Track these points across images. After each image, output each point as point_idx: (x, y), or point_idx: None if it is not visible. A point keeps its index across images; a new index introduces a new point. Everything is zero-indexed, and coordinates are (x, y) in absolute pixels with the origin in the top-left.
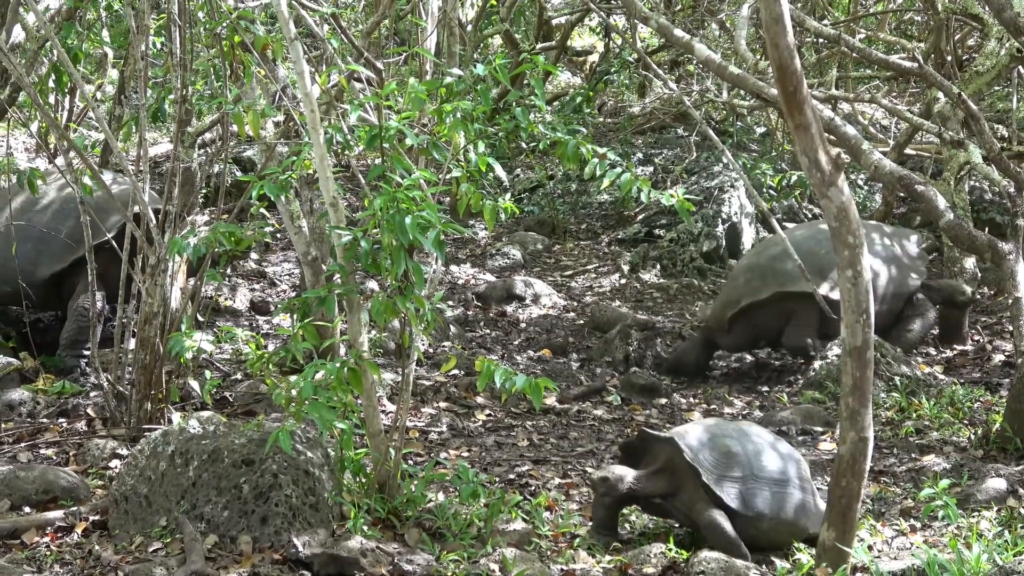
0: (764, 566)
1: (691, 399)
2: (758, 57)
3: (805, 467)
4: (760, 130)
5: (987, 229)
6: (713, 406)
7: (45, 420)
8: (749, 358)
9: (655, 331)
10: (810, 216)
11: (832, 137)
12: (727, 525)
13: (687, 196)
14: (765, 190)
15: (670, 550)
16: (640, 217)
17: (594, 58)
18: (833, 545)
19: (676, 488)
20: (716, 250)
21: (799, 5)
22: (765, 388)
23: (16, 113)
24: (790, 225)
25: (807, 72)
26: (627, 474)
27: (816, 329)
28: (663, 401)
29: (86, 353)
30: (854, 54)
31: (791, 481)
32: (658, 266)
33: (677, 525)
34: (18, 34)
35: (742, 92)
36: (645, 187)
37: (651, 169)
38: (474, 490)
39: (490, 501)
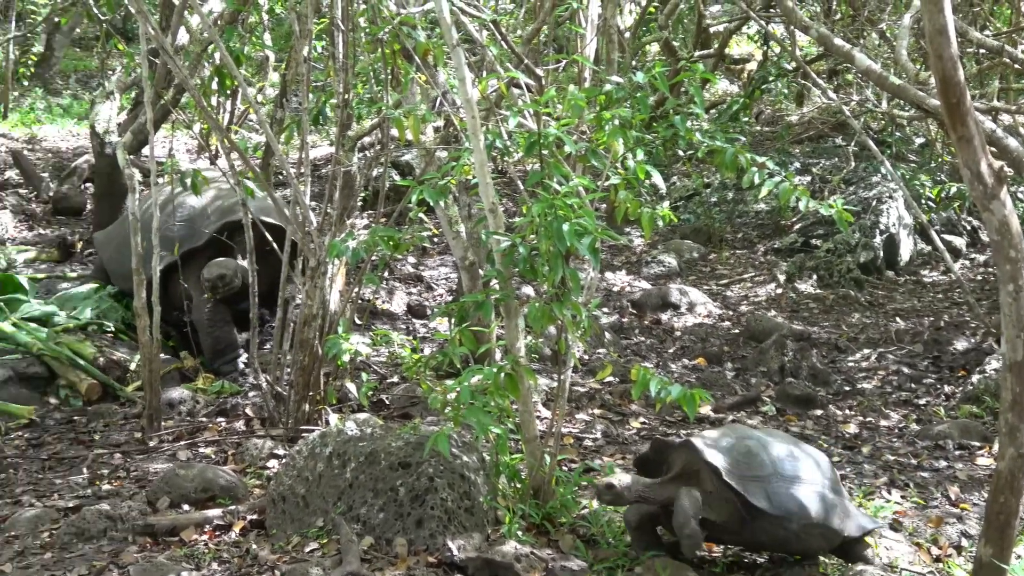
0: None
1: (847, 411)
2: (919, 67)
3: (833, 471)
4: (919, 141)
5: None
6: (869, 419)
7: (204, 419)
8: (906, 370)
9: (811, 342)
10: (968, 228)
11: (994, 149)
12: (692, 510)
13: (845, 206)
14: (924, 201)
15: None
16: (797, 227)
17: (752, 66)
18: (991, 562)
19: None
20: (873, 261)
21: (961, 16)
22: (922, 401)
23: (179, 115)
24: (948, 236)
25: (968, 83)
26: (635, 481)
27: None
28: (818, 412)
29: (239, 356)
30: (1016, 65)
31: (820, 482)
32: (814, 276)
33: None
34: (183, 37)
35: (902, 102)
36: (804, 196)
37: (808, 179)
38: None
39: None
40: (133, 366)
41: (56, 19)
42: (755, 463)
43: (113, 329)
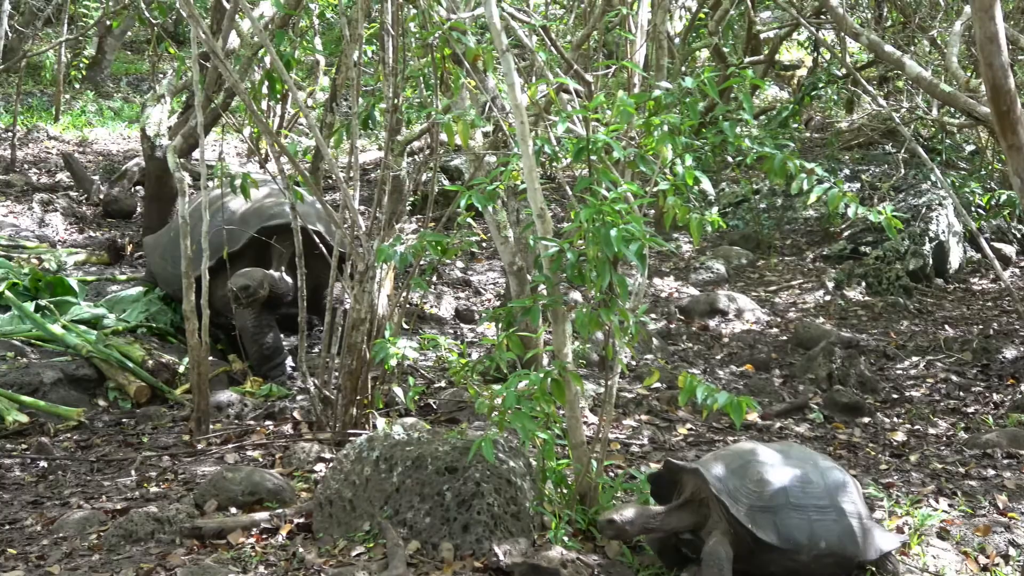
0: None
1: (895, 419)
2: (969, 75)
3: (853, 490)
4: (969, 148)
5: None
6: (917, 427)
7: (252, 422)
8: (954, 378)
9: (859, 349)
10: (1018, 236)
11: None
12: (726, 566)
13: (894, 213)
14: (974, 209)
15: None
16: (846, 234)
17: (802, 72)
18: None
19: (704, 522)
20: (923, 268)
21: (1012, 23)
22: (971, 409)
23: (230, 118)
24: (998, 243)
25: (1019, 91)
26: (640, 513)
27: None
28: (866, 420)
29: (286, 360)
30: None
31: (834, 507)
32: (863, 283)
33: None
34: (233, 41)
35: (952, 110)
36: (853, 203)
37: (858, 185)
38: None
39: None
40: (182, 369)
41: (108, 22)
42: (766, 492)
43: (162, 332)
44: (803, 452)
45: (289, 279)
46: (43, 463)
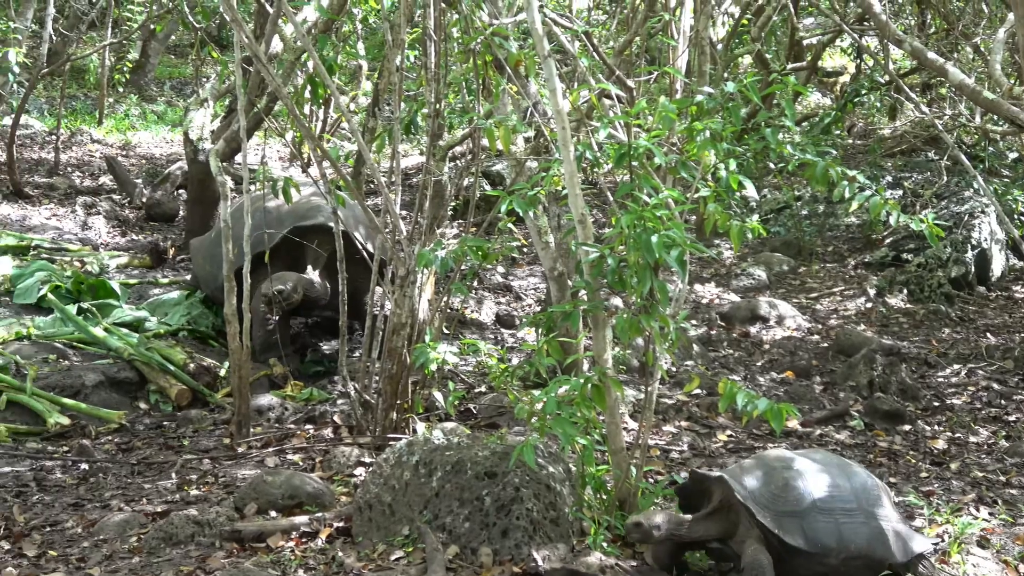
0: None
1: (936, 426)
2: (1013, 82)
3: (881, 493)
4: (1012, 155)
5: None
6: (958, 435)
7: (292, 426)
8: (996, 387)
9: (900, 356)
10: None
11: None
12: (769, 572)
13: (936, 221)
14: (1016, 216)
15: None
16: (887, 241)
17: (844, 79)
18: None
19: (732, 530)
20: (965, 276)
21: None
22: (1012, 418)
23: (272, 122)
24: None
25: None
26: (666, 520)
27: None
28: (907, 428)
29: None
30: None
31: (862, 510)
32: (905, 291)
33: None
34: (276, 45)
35: (995, 117)
36: (894, 210)
37: (900, 192)
38: None
39: None
40: (223, 372)
41: (151, 26)
42: (792, 497)
43: (203, 335)
44: (830, 458)
45: (325, 283)
46: (84, 465)
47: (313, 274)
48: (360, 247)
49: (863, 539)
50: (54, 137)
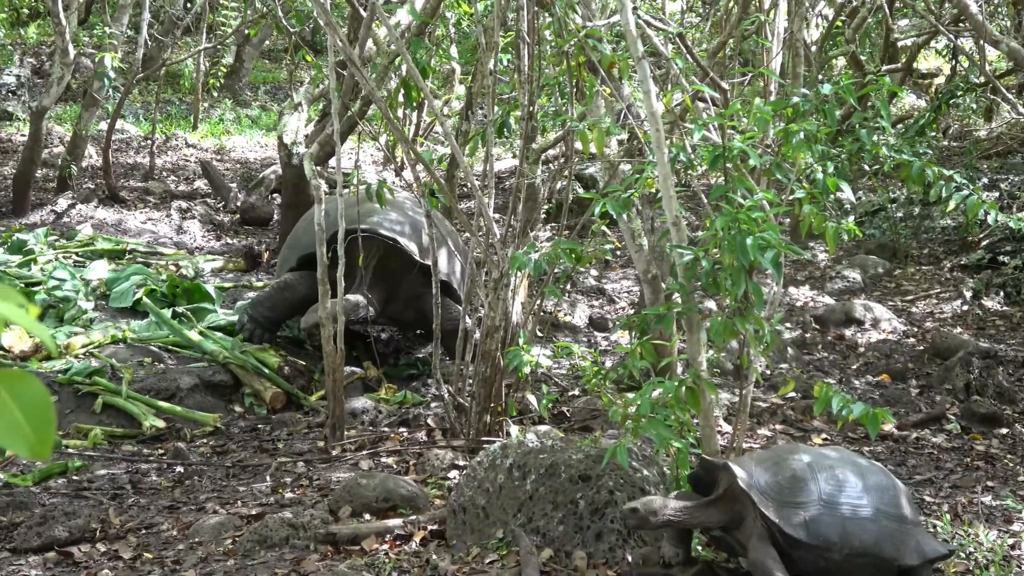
0: None
1: None
2: None
3: (899, 495)
4: None
5: None
6: None
7: (386, 429)
8: None
9: (997, 359)
10: None
11: None
12: (776, 569)
13: None
14: None
15: None
16: (983, 243)
17: (939, 81)
18: None
19: (737, 520)
20: None
21: None
22: None
23: (366, 126)
24: None
25: None
26: (665, 505)
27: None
28: (1004, 431)
29: (264, 315)
30: None
31: (872, 508)
32: (1001, 293)
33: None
34: (370, 49)
35: None
36: (992, 209)
37: (996, 194)
38: None
39: None
40: (317, 375)
41: (246, 31)
42: (798, 488)
43: (297, 339)
44: (848, 456)
45: (364, 302)
46: (179, 468)
47: (361, 288)
48: (412, 256)
49: (870, 537)
50: (149, 142)
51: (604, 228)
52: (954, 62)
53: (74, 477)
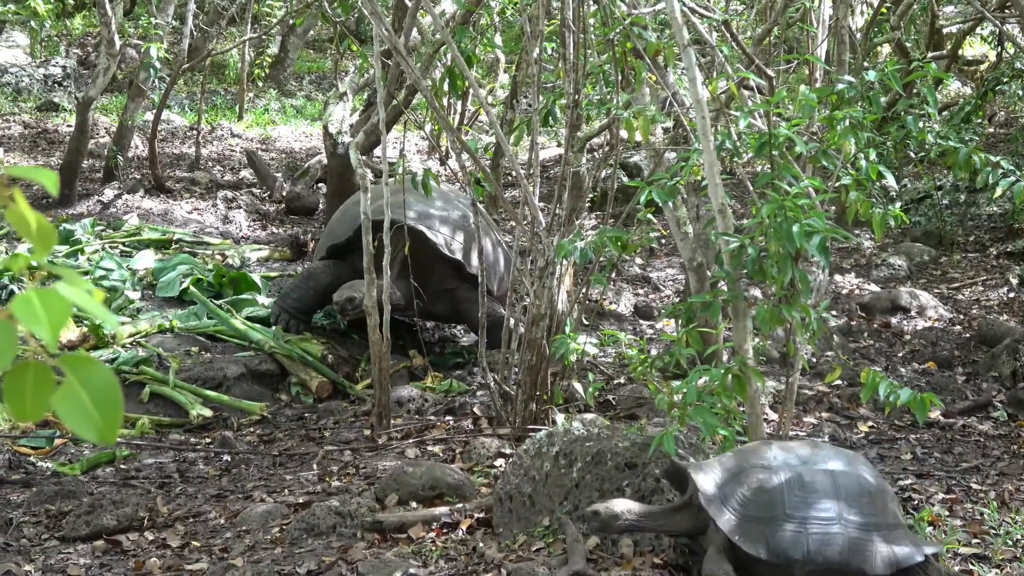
0: None
1: None
2: None
3: (875, 498)
4: None
5: None
6: None
7: (432, 417)
8: None
9: None
10: None
11: None
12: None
13: None
14: None
15: None
16: None
17: (985, 67)
18: None
19: (702, 526)
20: None
21: None
22: None
23: (411, 115)
24: None
25: None
26: (628, 509)
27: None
28: None
29: (292, 306)
30: None
31: (841, 517)
32: None
33: None
34: (415, 38)
35: None
36: None
37: None
38: None
39: None
40: (363, 364)
41: (291, 21)
42: (763, 501)
43: (337, 327)
44: (823, 454)
45: (397, 292)
46: (226, 457)
47: (391, 274)
48: (439, 249)
49: (835, 551)
50: (195, 132)
51: (649, 216)
52: (1000, 48)
53: (122, 466)
